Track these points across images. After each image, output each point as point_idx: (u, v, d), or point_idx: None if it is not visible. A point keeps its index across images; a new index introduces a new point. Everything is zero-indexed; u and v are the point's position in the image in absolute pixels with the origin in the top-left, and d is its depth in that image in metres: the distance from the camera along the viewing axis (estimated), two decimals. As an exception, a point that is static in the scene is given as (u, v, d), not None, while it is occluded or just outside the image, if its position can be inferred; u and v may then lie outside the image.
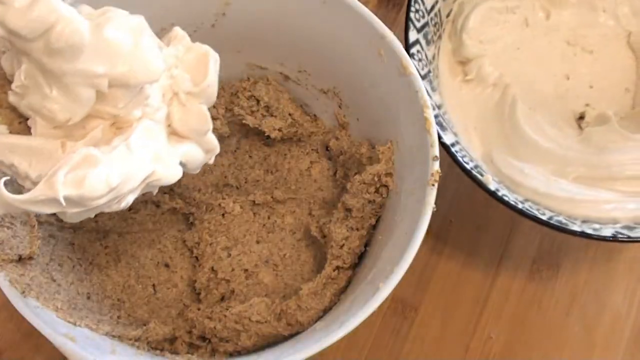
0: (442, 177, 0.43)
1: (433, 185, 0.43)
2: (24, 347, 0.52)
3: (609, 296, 0.58)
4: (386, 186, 0.48)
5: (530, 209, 0.48)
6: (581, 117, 0.56)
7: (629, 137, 0.53)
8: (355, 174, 0.50)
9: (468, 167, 0.48)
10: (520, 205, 0.48)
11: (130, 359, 0.42)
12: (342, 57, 0.50)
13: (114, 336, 0.44)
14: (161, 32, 0.51)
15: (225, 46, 0.53)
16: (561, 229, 0.47)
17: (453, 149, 0.49)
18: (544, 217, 0.48)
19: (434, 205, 0.42)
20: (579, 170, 0.52)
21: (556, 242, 0.59)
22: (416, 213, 0.43)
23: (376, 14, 0.48)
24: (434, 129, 0.44)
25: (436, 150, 0.44)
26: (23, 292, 0.40)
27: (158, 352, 0.46)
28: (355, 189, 0.49)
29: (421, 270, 0.58)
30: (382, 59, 0.47)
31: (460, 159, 0.48)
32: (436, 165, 0.43)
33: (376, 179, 0.48)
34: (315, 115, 0.57)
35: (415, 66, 0.48)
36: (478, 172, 0.49)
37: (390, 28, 0.47)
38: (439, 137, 0.48)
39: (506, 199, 0.48)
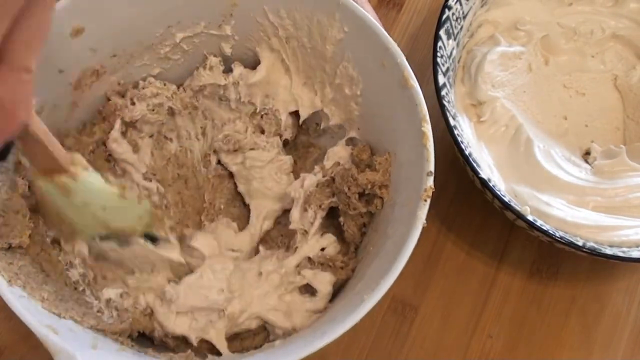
0: (442, 178, 0.43)
1: (425, 200, 0.42)
2: (23, 346, 0.52)
3: (609, 296, 0.57)
4: (381, 198, 0.48)
5: (565, 237, 0.51)
6: (587, 153, 0.59)
7: (635, 167, 0.56)
8: (351, 183, 0.49)
9: (506, 199, 0.50)
10: (557, 234, 0.50)
11: (111, 354, 0.41)
12: (346, 63, 0.50)
13: (98, 330, 0.43)
14: (167, 29, 0.51)
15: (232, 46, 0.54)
16: (596, 254, 0.50)
17: (490, 184, 0.50)
18: (579, 244, 0.50)
19: (424, 221, 0.41)
20: (596, 200, 0.54)
21: (556, 243, 0.59)
22: (407, 227, 0.42)
23: (376, 14, 0.48)
24: (431, 143, 0.43)
25: (431, 165, 0.43)
26: (10, 280, 0.39)
27: (142, 349, 0.45)
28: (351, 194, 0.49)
29: (421, 270, 0.57)
30: (385, 69, 0.47)
31: (498, 193, 0.50)
32: (430, 181, 0.42)
33: (370, 186, 0.47)
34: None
35: (446, 107, 0.52)
36: (515, 205, 0.51)
37: (390, 28, 0.47)
38: (476, 173, 0.50)
39: (545, 228, 0.50)
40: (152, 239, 0.48)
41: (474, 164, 0.51)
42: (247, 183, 0.55)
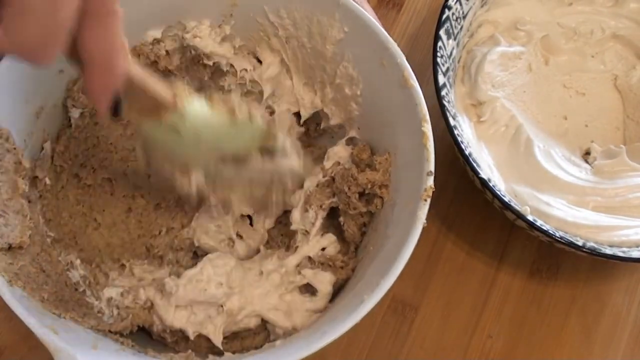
0: (442, 178, 0.43)
1: (425, 200, 0.42)
2: (23, 347, 0.51)
3: (609, 296, 0.57)
4: (381, 197, 0.48)
5: (565, 237, 0.50)
6: (587, 153, 0.58)
7: (635, 167, 0.55)
8: (351, 183, 0.49)
9: (506, 199, 0.50)
10: (557, 234, 0.50)
11: (111, 354, 0.41)
12: (346, 63, 0.50)
13: (99, 330, 0.43)
14: (167, 29, 0.51)
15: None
16: (596, 254, 0.50)
17: (490, 184, 0.50)
18: (579, 244, 0.50)
19: (424, 221, 0.41)
20: (596, 200, 0.54)
21: (556, 242, 0.59)
22: (407, 227, 0.42)
23: (376, 14, 0.48)
24: (431, 143, 0.43)
25: (431, 165, 0.43)
26: (10, 281, 0.39)
27: (142, 349, 0.45)
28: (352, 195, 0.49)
29: (421, 270, 0.57)
30: (385, 69, 0.47)
31: (498, 193, 0.50)
32: (430, 181, 0.42)
33: (370, 185, 0.47)
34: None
35: (446, 107, 0.52)
36: (515, 205, 0.51)
37: (389, 28, 0.47)
38: (476, 173, 0.50)
39: (545, 228, 0.50)
40: (269, 152, 0.46)
41: (474, 164, 0.51)
42: None
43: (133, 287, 0.48)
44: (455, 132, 0.52)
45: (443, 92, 0.53)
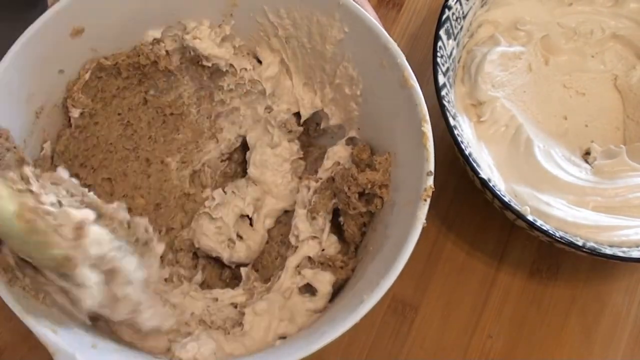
0: (442, 178, 0.43)
1: (425, 200, 0.42)
2: (23, 347, 0.52)
3: (609, 296, 0.57)
4: (381, 197, 0.47)
5: (565, 237, 0.50)
6: (587, 153, 0.58)
7: (635, 167, 0.55)
8: (351, 183, 0.50)
9: (506, 199, 0.50)
10: (557, 234, 0.50)
11: (111, 354, 0.41)
12: (346, 63, 0.50)
13: (98, 329, 0.43)
14: (167, 29, 0.51)
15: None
16: (596, 254, 0.50)
17: (490, 184, 0.50)
18: (579, 244, 0.50)
19: (424, 221, 0.41)
20: (596, 200, 0.54)
21: (556, 243, 0.59)
22: (406, 227, 0.42)
23: (376, 14, 0.48)
24: (431, 143, 0.43)
25: (431, 165, 0.43)
26: (10, 280, 0.38)
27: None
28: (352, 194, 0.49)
29: (421, 270, 0.57)
30: (385, 69, 0.47)
31: (498, 193, 0.50)
32: (430, 181, 0.42)
33: (369, 185, 0.47)
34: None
35: (446, 107, 0.52)
36: (515, 205, 0.51)
37: (390, 28, 0.47)
38: (476, 173, 0.50)
39: (545, 228, 0.50)
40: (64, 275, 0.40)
41: (474, 164, 0.51)
42: (260, 170, 0.54)
43: None
44: (455, 132, 0.52)
45: (443, 92, 0.53)
